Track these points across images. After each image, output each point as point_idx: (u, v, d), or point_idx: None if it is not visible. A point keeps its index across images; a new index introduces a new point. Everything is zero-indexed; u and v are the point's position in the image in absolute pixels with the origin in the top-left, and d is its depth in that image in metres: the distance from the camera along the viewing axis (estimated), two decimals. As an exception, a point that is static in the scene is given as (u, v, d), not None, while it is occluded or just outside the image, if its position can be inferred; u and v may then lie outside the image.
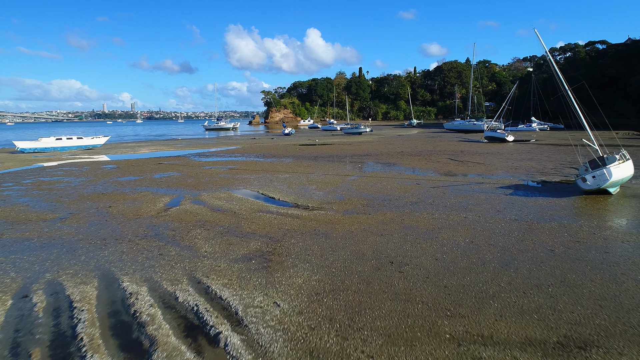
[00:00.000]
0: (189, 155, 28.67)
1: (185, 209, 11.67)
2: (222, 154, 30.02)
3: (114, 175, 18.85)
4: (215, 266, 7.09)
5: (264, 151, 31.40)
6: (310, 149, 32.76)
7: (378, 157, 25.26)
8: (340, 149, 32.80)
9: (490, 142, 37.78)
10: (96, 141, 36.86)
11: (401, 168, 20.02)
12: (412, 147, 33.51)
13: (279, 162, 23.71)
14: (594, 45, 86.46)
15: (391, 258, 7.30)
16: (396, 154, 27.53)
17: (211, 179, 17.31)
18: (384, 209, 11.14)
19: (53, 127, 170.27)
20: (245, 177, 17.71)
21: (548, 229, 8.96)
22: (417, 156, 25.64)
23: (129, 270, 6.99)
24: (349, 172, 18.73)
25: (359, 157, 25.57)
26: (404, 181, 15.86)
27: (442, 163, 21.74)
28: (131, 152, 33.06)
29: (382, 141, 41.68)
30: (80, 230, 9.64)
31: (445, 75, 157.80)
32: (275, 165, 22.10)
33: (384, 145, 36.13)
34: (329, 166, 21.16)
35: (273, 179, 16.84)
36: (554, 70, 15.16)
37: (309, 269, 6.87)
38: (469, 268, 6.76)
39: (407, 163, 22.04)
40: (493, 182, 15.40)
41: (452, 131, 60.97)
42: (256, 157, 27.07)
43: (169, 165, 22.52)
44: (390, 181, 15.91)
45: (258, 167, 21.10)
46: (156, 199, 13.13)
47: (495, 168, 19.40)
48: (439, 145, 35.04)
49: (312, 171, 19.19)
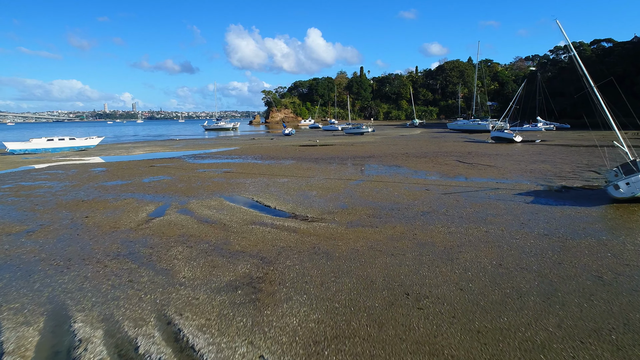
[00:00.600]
0: (183, 157, 27.43)
1: (170, 220, 10.42)
2: (218, 155, 28.76)
3: (100, 180, 17.61)
4: (192, 298, 5.83)
5: (263, 152, 30.15)
6: (311, 150, 31.50)
7: (382, 159, 23.98)
8: (342, 150, 31.52)
9: (497, 142, 36.46)
10: (89, 142, 35.67)
11: (407, 171, 18.73)
12: (416, 148, 32.20)
13: (277, 164, 22.45)
14: (599, 43, 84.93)
15: (406, 287, 6.03)
16: (401, 155, 26.24)
17: (203, 183, 16.06)
18: (393, 221, 9.86)
19: (53, 127, 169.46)
20: (240, 181, 16.45)
21: (586, 248, 7.68)
22: (423, 158, 24.35)
23: (87, 304, 5.74)
24: (352, 176, 17.46)
25: (361, 159, 24.29)
26: (412, 186, 14.58)
27: (451, 166, 20.44)
28: (125, 153, 31.84)
29: (385, 142, 40.38)
30: (45, 247, 8.39)
31: (447, 75, 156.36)
32: (273, 168, 20.84)
33: (387, 146, 34.83)
34: (330, 169, 19.88)
35: (270, 184, 15.58)
36: (578, 66, 13.87)
37: (306, 303, 5.61)
38: (504, 303, 5.49)
39: (413, 165, 20.75)
40: (509, 187, 14.11)
41: (456, 131, 59.61)
42: (254, 159, 25.81)
43: (160, 168, 21.28)
44: (396, 186, 14.63)
45: (255, 170, 19.84)
46: (139, 208, 11.88)
47: (508, 171, 18.09)
48: (444, 146, 33.73)
49: (312, 175, 17.92)
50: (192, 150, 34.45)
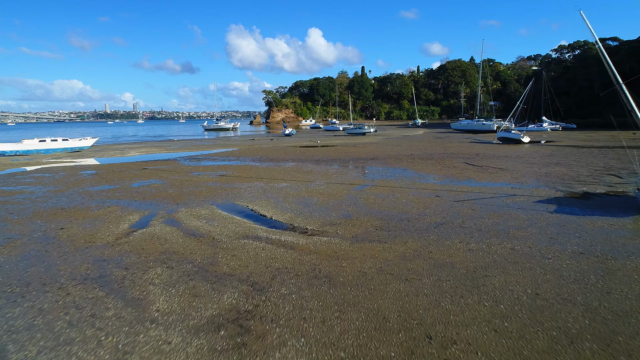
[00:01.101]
0: (179, 159, 26.34)
1: (153, 232, 9.31)
2: (215, 157, 27.66)
3: (86, 184, 16.52)
4: (163, 343, 4.71)
5: (262, 154, 29.04)
6: (312, 151, 30.38)
7: (386, 161, 22.83)
8: (343, 151, 30.40)
9: (503, 143, 35.30)
10: (83, 143, 34.62)
11: (414, 175, 17.59)
12: (421, 149, 31.05)
13: (276, 167, 21.34)
14: (604, 42, 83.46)
15: (427, 327, 4.91)
16: (405, 157, 25.09)
17: (196, 188, 14.96)
18: (404, 234, 8.74)
19: (54, 128, 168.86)
20: (235, 186, 15.35)
21: (634, 271, 6.54)
22: (429, 160, 23.20)
23: (31, 350, 4.63)
24: (355, 180, 16.33)
25: (364, 161, 23.15)
26: (421, 192, 13.45)
27: (460, 169, 19.30)
28: (119, 155, 30.76)
29: (388, 142, 39.24)
30: (3, 267, 7.29)
31: (449, 74, 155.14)
32: (272, 171, 19.72)
33: (390, 147, 33.68)
34: (332, 172, 18.75)
35: (267, 189, 14.47)
36: (605, 61, 12.68)
37: (304, 351, 4.49)
38: (553, 352, 4.36)
39: (420, 168, 19.61)
40: (526, 193, 12.97)
41: (460, 131, 58.43)
42: (252, 161, 24.70)
43: (153, 171, 20.18)
44: (404, 192, 13.50)
45: (252, 174, 18.73)
46: (122, 218, 10.78)
47: (522, 175, 16.95)
48: (449, 147, 32.56)
49: (312, 179, 16.81)
50: (189, 151, 33.36)
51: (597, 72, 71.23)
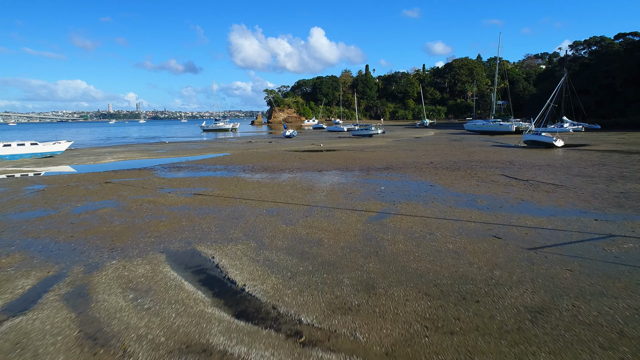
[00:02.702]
0: (156, 168, 22.31)
1: (25, 330, 5.24)
2: (201, 165, 23.61)
3: (15, 208, 12.51)
4: None
5: (256, 161, 24.97)
6: (314, 157, 26.29)
7: (404, 172, 18.68)
8: (350, 157, 26.26)
9: (530, 147, 31.04)
10: (56, 147, 30.69)
11: (446, 194, 13.43)
12: (440, 154, 26.84)
13: (269, 180, 17.26)
14: (625, 37, 78.73)
15: None
16: (425, 166, 20.92)
17: (154, 218, 10.92)
18: (482, 345, 4.62)
19: (55, 128, 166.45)
20: (209, 213, 11.28)
21: None
22: (457, 170, 19.02)
23: None
24: (371, 203, 12.20)
25: (377, 172, 19.00)
26: (469, 228, 9.31)
27: (501, 184, 15.12)
28: (92, 162, 26.76)
29: (400, 146, 35.06)
30: None
31: (455, 73, 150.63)
32: (263, 187, 15.64)
33: (403, 152, 29.50)
34: (338, 189, 14.62)
35: (251, 220, 10.40)
36: None
37: None
38: None
39: (450, 183, 15.44)
40: (625, 231, 8.79)
41: (475, 133, 54.11)
42: (242, 171, 20.64)
43: (115, 187, 16.16)
44: (444, 228, 9.37)
45: (237, 191, 14.66)
46: (5, 283, 6.73)
47: (591, 196, 12.74)
48: (473, 152, 28.32)
49: (314, 200, 12.70)
50: (174, 157, 29.35)
51: (619, 69, 66.68)
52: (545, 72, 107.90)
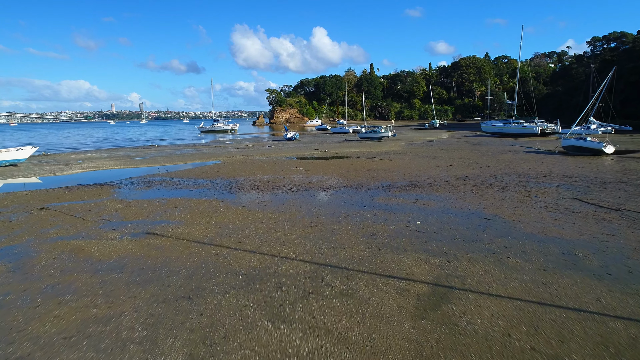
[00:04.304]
0: (122, 184, 17.90)
1: None
2: (178, 179, 19.18)
3: None
4: None
5: (248, 173, 20.53)
6: (318, 167, 21.83)
7: (438, 193, 14.14)
8: (362, 167, 21.76)
9: (572, 154, 26.42)
10: (18, 155, 26.34)
11: (522, 240, 8.85)
12: (470, 163, 22.26)
13: (259, 205, 12.80)
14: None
15: None
16: (461, 182, 16.39)
17: (53, 293, 6.50)
18: None
19: (54, 128, 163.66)
20: (149, 281, 6.84)
21: None
22: (507, 190, 14.46)
23: None
24: (411, 262, 7.68)
25: (402, 192, 14.49)
26: (615, 337, 4.80)
27: (586, 217, 10.54)
28: (53, 173, 22.34)
29: (416, 151, 30.51)
30: None
31: (463, 72, 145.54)
32: (247, 218, 11.16)
33: (424, 159, 24.94)
34: (355, 227, 10.10)
35: (210, 306, 5.93)
36: None
37: None
38: None
39: (512, 215, 10.87)
40: None
41: (494, 135, 49.41)
42: (228, 188, 16.20)
43: (48, 216, 11.74)
44: (569, 339, 4.87)
45: (210, 228, 10.20)
46: None
47: None
48: (509, 161, 23.70)
49: (319, 251, 8.22)
50: (154, 165, 24.98)
51: (646, 66, 61.76)
52: (560, 71, 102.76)
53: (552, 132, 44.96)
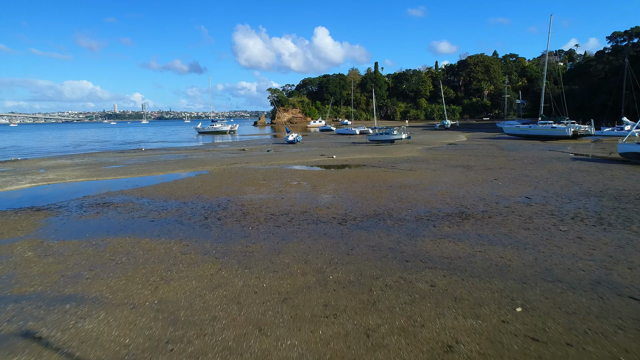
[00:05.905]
0: (66, 208, 13.36)
1: None
2: (144, 199, 14.62)
3: None
4: None
5: (237, 190, 15.96)
6: (326, 181, 17.24)
7: (508, 230, 9.51)
8: (381, 180, 17.15)
9: (633, 161, 21.69)
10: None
11: None
12: (519, 177, 17.53)
13: (238, 261, 8.22)
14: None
15: None
16: (524, 207, 11.72)
17: None
18: None
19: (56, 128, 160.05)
20: None
21: None
22: (608, 224, 9.82)
23: None
24: None
25: (450, 225, 9.87)
26: None
27: None
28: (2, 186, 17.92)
29: (440, 157, 25.85)
30: None
31: (470, 70, 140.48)
32: (215, 290, 6.57)
33: (456, 170, 20.25)
34: (401, 318, 5.54)
35: None
36: None
37: None
38: None
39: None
40: None
41: (518, 137, 44.56)
42: (204, 219, 11.64)
43: None
44: None
45: (146, 315, 5.64)
46: None
47: None
48: (566, 173, 18.94)
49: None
50: (126, 177, 20.48)
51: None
52: (577, 68, 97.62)
53: (585, 134, 40.12)
